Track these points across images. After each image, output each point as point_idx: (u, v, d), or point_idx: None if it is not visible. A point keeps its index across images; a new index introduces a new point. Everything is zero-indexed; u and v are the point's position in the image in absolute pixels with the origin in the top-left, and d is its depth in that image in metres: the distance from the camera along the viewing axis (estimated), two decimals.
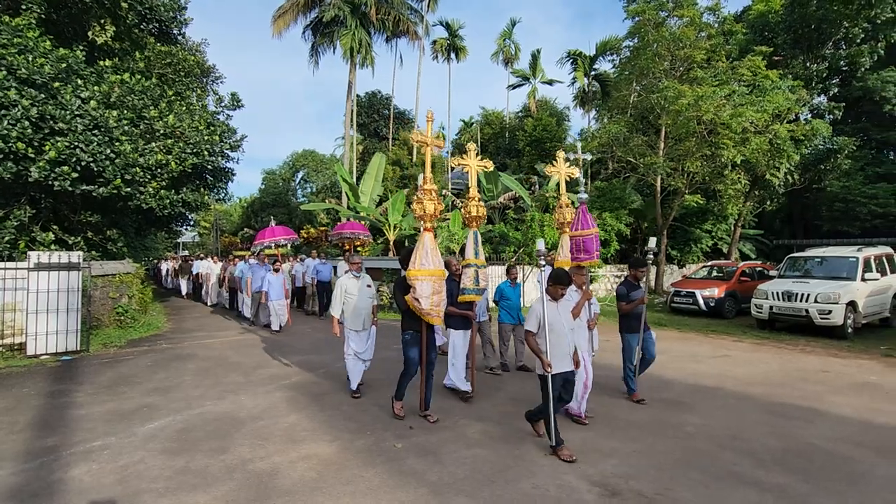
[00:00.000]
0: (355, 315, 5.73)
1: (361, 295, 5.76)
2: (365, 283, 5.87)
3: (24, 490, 3.48)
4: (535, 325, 4.14)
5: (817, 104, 19.55)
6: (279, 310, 10.15)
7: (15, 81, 8.46)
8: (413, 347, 4.89)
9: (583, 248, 6.25)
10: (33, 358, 7.70)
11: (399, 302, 4.92)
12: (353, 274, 5.89)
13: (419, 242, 4.90)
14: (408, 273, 4.80)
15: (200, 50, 17.95)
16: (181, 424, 4.83)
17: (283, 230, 11.36)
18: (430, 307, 4.72)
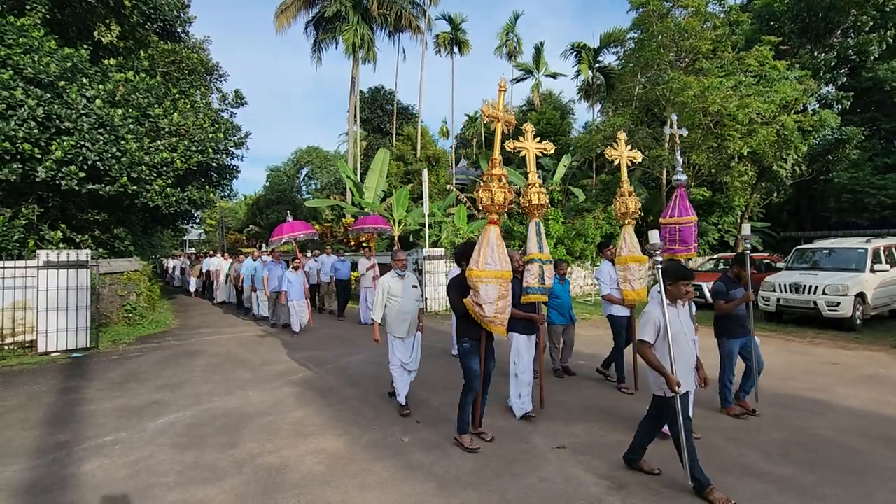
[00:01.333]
0: (400, 320, 5.04)
1: (407, 297, 5.08)
2: (410, 284, 5.18)
3: (38, 485, 3.53)
4: (652, 333, 3.37)
5: (825, 94, 19.33)
6: (299, 310, 9.53)
7: (21, 81, 8.51)
8: (473, 357, 4.21)
9: (678, 238, 5.43)
10: (44, 355, 7.79)
11: (455, 305, 4.30)
12: (396, 273, 5.17)
13: (483, 237, 4.23)
14: (469, 273, 4.14)
15: (204, 48, 17.95)
16: (190, 420, 4.88)
17: (301, 225, 10.63)
18: (494, 314, 4.07)
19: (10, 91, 8.25)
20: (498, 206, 4.34)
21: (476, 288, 4.08)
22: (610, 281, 5.84)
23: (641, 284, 5.67)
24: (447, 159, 32.59)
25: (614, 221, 16.89)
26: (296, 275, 9.54)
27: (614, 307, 5.85)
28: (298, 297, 9.49)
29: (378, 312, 5.12)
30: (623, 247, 5.76)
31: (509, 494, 3.36)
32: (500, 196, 4.31)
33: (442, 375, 6.50)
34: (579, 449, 4.08)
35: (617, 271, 5.79)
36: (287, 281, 9.41)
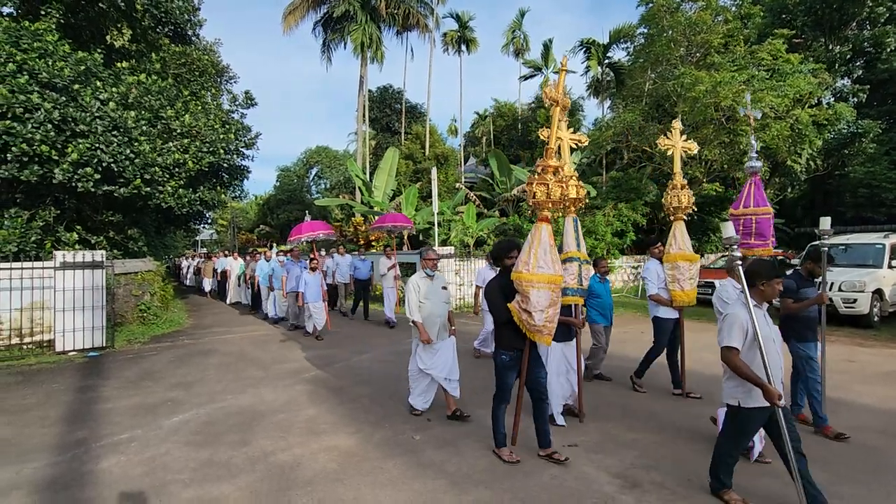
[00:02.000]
0: (430, 324, 4.77)
1: (436, 299, 4.81)
2: (440, 285, 4.91)
3: (58, 482, 3.60)
4: (739, 338, 3.00)
5: (840, 87, 18.99)
6: (316, 312, 9.15)
7: (37, 85, 8.65)
8: (510, 372, 3.85)
9: (755, 231, 5.01)
10: (62, 354, 7.93)
11: (498, 312, 3.84)
12: (425, 273, 4.87)
13: (533, 237, 3.81)
14: (517, 276, 3.73)
15: (214, 50, 18.12)
16: (204, 418, 4.94)
17: (320, 224, 10.28)
18: (543, 322, 3.67)
19: (27, 95, 8.40)
20: (554, 202, 3.94)
21: (525, 293, 3.67)
22: (658, 280, 5.53)
23: (692, 285, 5.34)
24: (456, 158, 32.55)
25: (625, 219, 16.77)
26: (313, 276, 9.21)
27: (661, 308, 5.51)
28: (315, 299, 9.15)
29: (416, 313, 4.77)
30: (672, 244, 5.43)
31: (521, 493, 3.35)
32: (557, 191, 3.90)
33: None
34: (592, 447, 4.06)
35: (665, 270, 5.48)
36: (304, 282, 9.09)
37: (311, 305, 9.12)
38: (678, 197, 5.46)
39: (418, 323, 4.74)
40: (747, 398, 3.01)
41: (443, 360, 4.74)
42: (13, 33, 8.84)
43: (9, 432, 4.58)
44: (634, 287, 17.22)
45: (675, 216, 5.53)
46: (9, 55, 8.52)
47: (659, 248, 5.70)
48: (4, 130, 8.15)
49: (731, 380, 3.10)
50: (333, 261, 12.37)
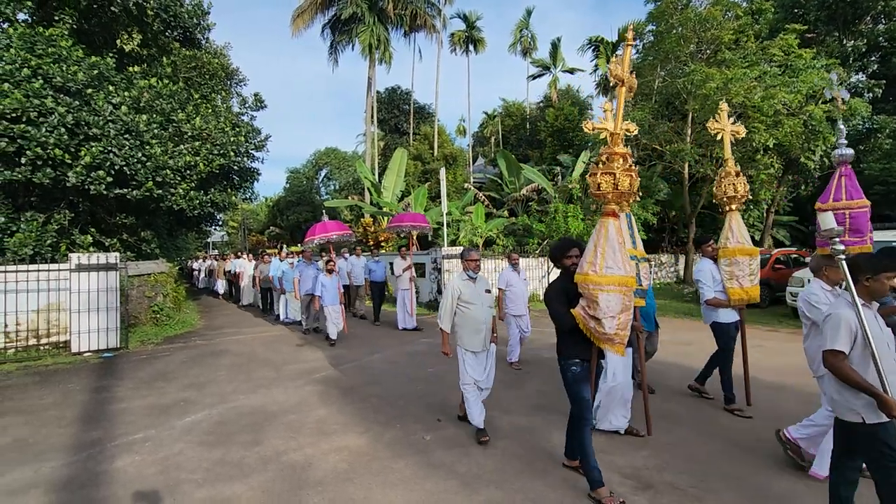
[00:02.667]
0: (473, 331, 4.32)
1: (480, 304, 4.38)
2: (483, 288, 4.49)
3: (74, 481, 3.65)
4: (847, 342, 2.59)
5: (855, 82, 18.66)
6: (334, 316, 8.70)
7: (51, 90, 8.80)
8: (584, 384, 3.44)
9: (849, 228, 4.46)
10: (77, 355, 8.06)
11: (561, 319, 3.41)
12: (467, 275, 4.46)
13: (599, 234, 3.38)
14: (583, 279, 3.31)
15: (224, 53, 18.29)
16: (217, 418, 4.98)
17: (336, 225, 9.87)
18: (615, 330, 3.26)
19: (41, 99, 8.55)
20: (621, 195, 3.46)
21: (593, 298, 3.25)
22: (713, 283, 4.97)
23: (752, 281, 4.86)
24: (464, 158, 32.56)
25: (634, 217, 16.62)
26: (330, 279, 8.80)
27: (720, 312, 4.95)
28: (333, 302, 8.73)
29: (447, 321, 4.38)
30: (729, 237, 4.93)
31: (532, 493, 3.34)
32: (626, 181, 3.43)
33: None
34: (604, 448, 4.02)
35: (722, 267, 4.96)
36: (321, 285, 8.70)
37: (330, 309, 8.69)
38: (733, 185, 4.92)
39: (445, 333, 4.43)
40: (870, 412, 2.51)
41: (488, 368, 4.46)
42: (28, 39, 9.00)
43: (26, 432, 4.66)
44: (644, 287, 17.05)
45: (728, 206, 5.02)
46: (24, 60, 8.68)
47: (712, 247, 5.19)
48: (19, 134, 8.30)
49: (845, 391, 2.59)
50: (347, 262, 12.04)
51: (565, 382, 3.51)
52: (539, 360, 7.20)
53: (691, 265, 18.12)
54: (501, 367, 6.77)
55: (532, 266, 14.78)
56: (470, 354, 4.37)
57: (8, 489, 3.53)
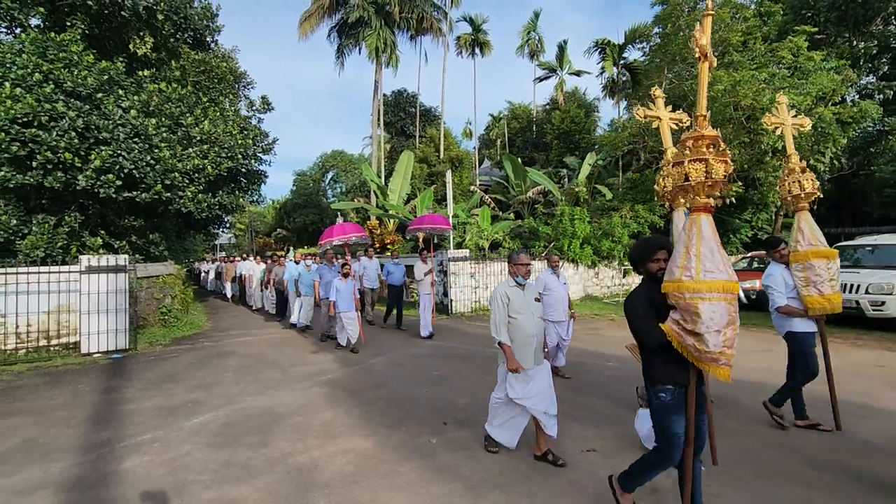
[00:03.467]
0: (523, 344, 3.82)
1: (530, 313, 3.87)
2: (532, 296, 3.98)
3: (84, 481, 3.69)
4: None
5: (866, 84, 18.49)
6: (349, 323, 8.27)
7: (62, 94, 8.93)
8: (677, 416, 2.79)
9: None
10: (87, 356, 8.13)
11: (647, 334, 2.84)
12: (515, 281, 3.96)
13: (691, 232, 2.84)
14: (677, 285, 2.72)
15: (232, 57, 18.46)
16: (224, 419, 5.01)
17: (353, 227, 9.44)
18: (721, 348, 2.64)
19: (52, 104, 8.67)
20: (714, 185, 2.90)
21: (693, 309, 2.67)
22: (786, 288, 4.55)
23: (833, 288, 4.35)
24: (471, 160, 32.60)
25: (641, 220, 16.55)
26: (346, 283, 8.35)
27: (795, 321, 4.51)
28: (348, 308, 8.27)
29: (504, 332, 3.83)
30: (800, 239, 4.43)
31: (538, 497, 3.32)
32: (720, 168, 2.88)
33: (469, 377, 6.49)
34: (610, 452, 4.00)
35: (795, 273, 4.51)
36: (335, 289, 8.26)
37: (344, 315, 8.26)
38: (799, 182, 4.39)
39: (505, 346, 3.81)
40: None
41: (538, 388, 3.82)
42: (40, 44, 9.14)
43: (36, 432, 4.71)
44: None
45: (796, 206, 4.50)
46: (36, 65, 8.82)
47: (782, 251, 4.70)
48: (31, 138, 8.42)
49: None
50: (360, 264, 11.62)
51: (652, 412, 2.93)
52: None
53: None
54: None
55: (538, 269, 14.74)
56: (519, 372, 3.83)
57: (17, 489, 3.57)
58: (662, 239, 3.15)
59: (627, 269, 16.99)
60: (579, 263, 15.58)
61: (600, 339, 9.02)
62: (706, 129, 2.97)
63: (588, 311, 12.78)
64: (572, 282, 15.59)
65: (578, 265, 15.64)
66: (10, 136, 8.29)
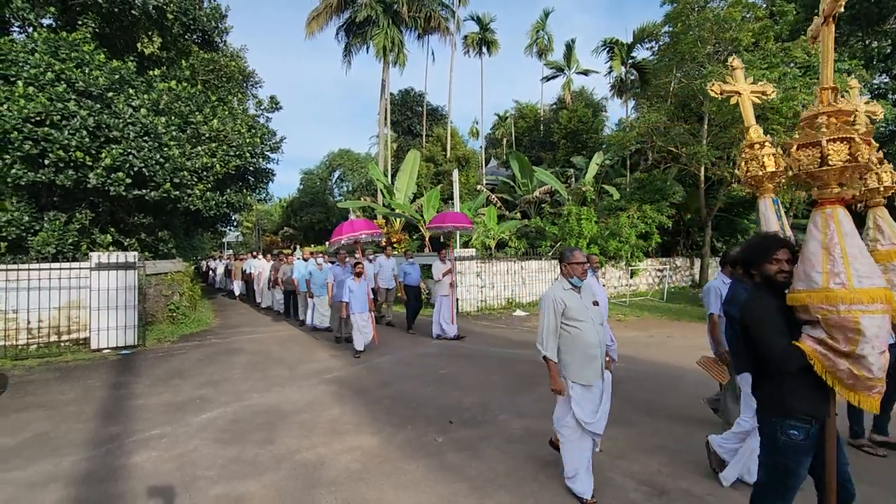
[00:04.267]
0: (585, 357, 3.28)
1: (590, 320, 3.34)
2: (590, 299, 3.46)
3: (93, 476, 3.73)
4: None
5: (879, 84, 18.26)
6: (362, 325, 7.87)
7: (73, 94, 9.02)
8: (805, 458, 2.31)
9: None
10: (96, 352, 8.22)
11: (782, 353, 2.26)
12: (570, 283, 3.42)
13: (828, 229, 2.30)
14: (825, 296, 2.19)
15: (240, 56, 18.54)
16: (231, 416, 5.04)
17: (364, 224, 8.91)
18: (882, 371, 2.16)
19: (64, 103, 8.76)
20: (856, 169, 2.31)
21: (851, 325, 2.12)
22: None
23: None
24: (477, 160, 32.54)
25: (649, 221, 16.46)
26: (358, 283, 7.94)
27: None
28: (361, 309, 7.89)
29: (553, 345, 3.32)
30: (879, 238, 3.85)
31: (544, 498, 3.31)
32: (865, 150, 2.28)
33: (475, 376, 6.49)
34: (618, 453, 3.99)
35: None
36: (348, 290, 7.86)
37: (358, 317, 7.86)
38: (876, 175, 3.86)
39: (551, 363, 3.31)
40: None
41: (603, 407, 3.39)
42: (52, 44, 9.24)
43: (48, 426, 4.77)
44: (659, 291, 16.88)
45: (872, 201, 3.94)
46: (48, 65, 8.91)
47: None
48: (43, 137, 8.52)
49: None
50: (377, 263, 10.94)
51: (770, 450, 2.34)
52: None
53: (707, 269, 17.86)
54: (508, 370, 6.75)
55: (545, 269, 14.71)
56: (580, 388, 3.30)
57: (29, 482, 3.62)
58: (782, 236, 2.68)
59: (635, 269, 16.90)
60: None
61: None
62: (842, 104, 2.44)
63: None
64: None
65: None
66: (24, 134, 8.39)
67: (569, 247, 3.54)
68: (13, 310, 7.89)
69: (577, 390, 3.30)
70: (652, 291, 17.09)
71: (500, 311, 12.97)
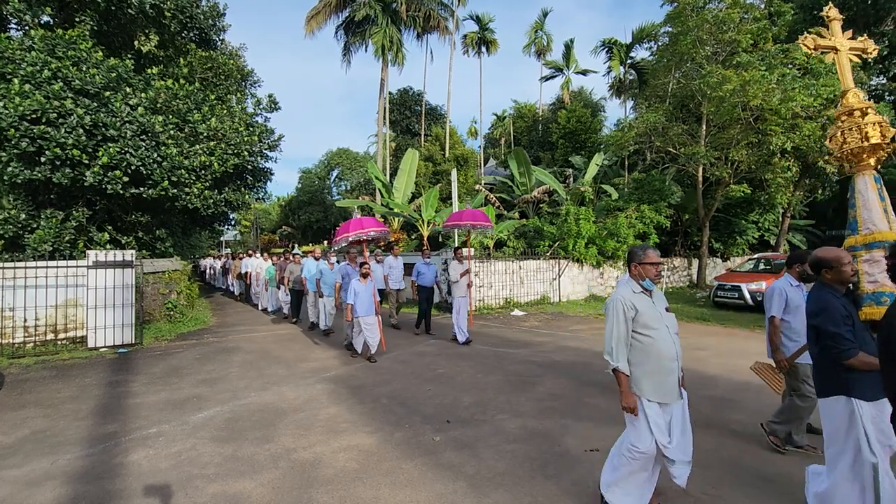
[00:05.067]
0: (660, 371, 2.86)
1: (665, 329, 2.93)
2: (663, 305, 3.06)
3: (90, 473, 3.72)
4: None
5: (876, 85, 18.32)
6: (368, 329, 7.40)
7: (70, 92, 8.99)
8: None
9: None
10: (94, 350, 8.20)
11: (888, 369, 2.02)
12: (641, 286, 3.03)
13: None
14: None
15: (239, 54, 18.52)
16: (228, 414, 5.04)
17: (371, 221, 8.25)
18: None
19: (61, 101, 8.74)
20: None
21: None
22: None
23: None
24: (476, 159, 32.55)
25: (647, 221, 16.48)
26: (364, 285, 7.46)
27: None
28: (367, 312, 7.40)
29: (623, 355, 2.90)
30: (864, 215, 3.63)
31: (541, 496, 3.32)
32: None
33: (473, 375, 6.49)
34: None
35: None
36: (353, 292, 7.34)
37: (363, 321, 7.39)
38: (861, 132, 3.55)
39: (622, 375, 2.88)
40: None
41: (682, 429, 2.91)
42: (49, 42, 9.21)
43: (44, 424, 4.76)
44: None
45: (858, 164, 3.71)
46: (44, 63, 8.88)
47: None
48: (39, 135, 8.49)
49: None
50: (386, 264, 10.48)
51: None
52: (551, 362, 7.16)
53: (704, 269, 17.90)
54: (506, 370, 6.76)
55: (543, 269, 14.72)
56: (654, 407, 2.84)
57: (26, 480, 3.61)
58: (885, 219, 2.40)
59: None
60: (584, 263, 15.55)
61: None
62: None
63: (593, 311, 12.76)
64: (577, 281, 15.56)
65: (583, 265, 15.61)
66: (20, 132, 8.37)
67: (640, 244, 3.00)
68: (10, 308, 7.86)
69: (653, 409, 2.84)
70: None
71: (499, 311, 12.98)
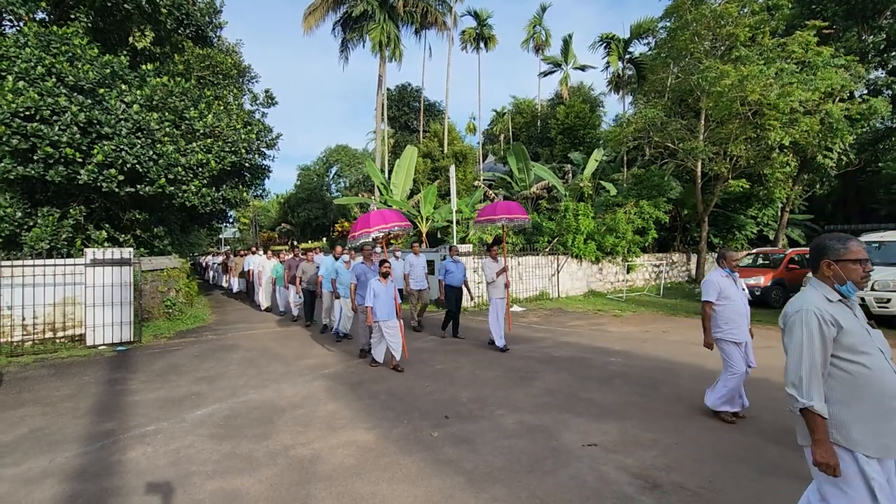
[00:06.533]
0: (877, 413, 2.04)
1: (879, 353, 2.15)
2: (864, 319, 2.27)
3: (89, 471, 3.73)
4: None
5: (874, 79, 18.27)
6: (390, 334, 6.62)
7: (64, 88, 8.94)
8: None
9: None
10: (92, 348, 8.20)
11: None
12: (839, 293, 2.22)
13: None
14: None
15: (236, 51, 18.44)
16: (227, 411, 5.04)
17: (394, 215, 7.31)
18: None
19: (55, 98, 8.68)
20: None
21: None
22: None
23: None
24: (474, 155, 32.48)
25: (646, 216, 16.48)
26: (385, 286, 6.68)
27: None
28: (388, 316, 6.62)
29: (819, 390, 2.11)
30: None
31: (539, 491, 3.33)
32: None
33: (471, 371, 6.50)
34: (612, 447, 4.01)
35: None
36: (372, 293, 6.55)
37: (384, 325, 6.62)
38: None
39: (818, 416, 2.08)
40: None
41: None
42: (43, 38, 9.15)
43: (43, 422, 4.76)
44: (655, 286, 16.93)
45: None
46: (38, 59, 8.83)
47: None
48: (32, 132, 8.44)
49: None
50: (406, 262, 9.64)
51: None
52: (549, 358, 7.17)
53: (703, 264, 17.91)
54: (504, 365, 6.76)
55: (542, 264, 14.72)
56: (875, 467, 2.00)
57: (24, 478, 3.61)
58: None
59: (631, 264, 16.94)
60: (583, 259, 15.55)
61: (605, 334, 9.02)
62: None
63: (592, 307, 12.76)
64: (576, 277, 15.57)
65: (582, 261, 15.61)
66: (12, 129, 8.32)
67: (836, 234, 2.28)
68: (8, 306, 7.86)
69: (873, 468, 1.98)
70: (648, 287, 17.13)
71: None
